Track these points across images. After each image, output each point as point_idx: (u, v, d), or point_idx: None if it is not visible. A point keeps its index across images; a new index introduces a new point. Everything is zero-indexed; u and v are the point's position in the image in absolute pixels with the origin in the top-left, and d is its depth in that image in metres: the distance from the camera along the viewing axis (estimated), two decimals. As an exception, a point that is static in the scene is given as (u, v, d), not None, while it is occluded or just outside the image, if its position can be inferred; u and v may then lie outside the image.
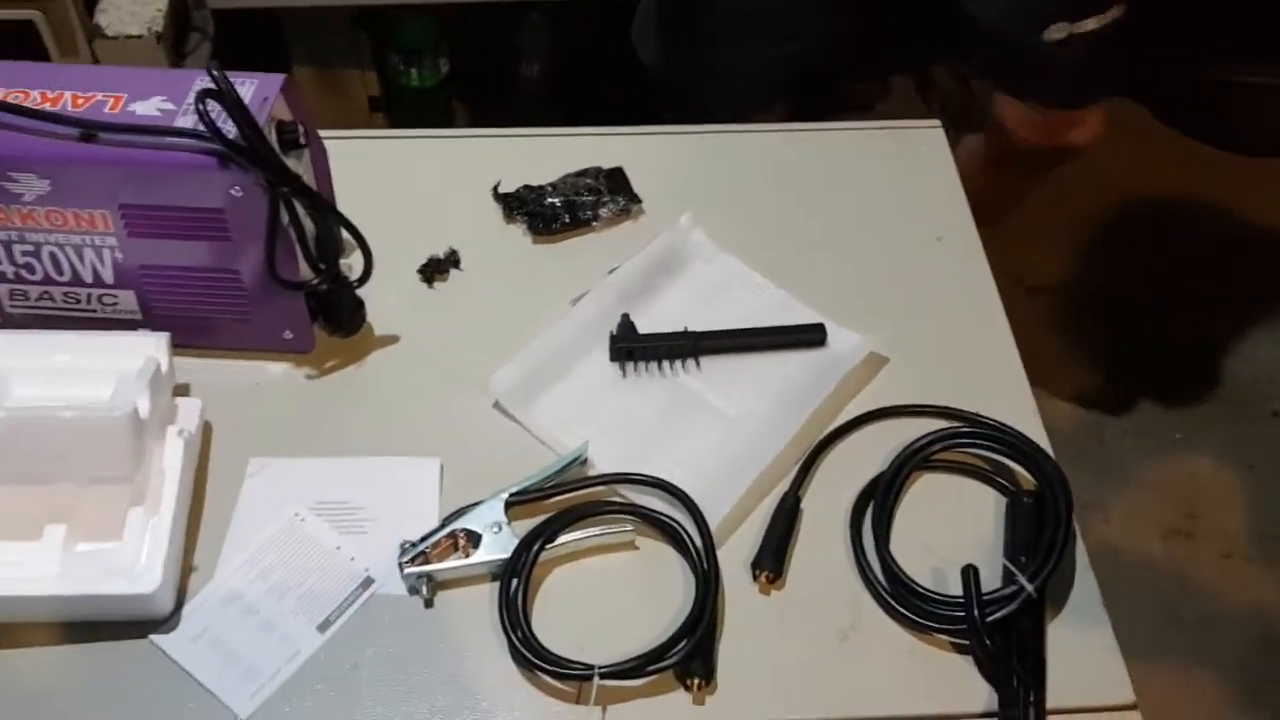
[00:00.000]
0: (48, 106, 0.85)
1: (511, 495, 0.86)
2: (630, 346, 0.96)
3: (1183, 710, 1.45)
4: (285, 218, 0.86)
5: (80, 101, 0.85)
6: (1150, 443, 1.79)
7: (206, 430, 0.90)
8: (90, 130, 0.83)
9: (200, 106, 0.80)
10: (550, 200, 1.05)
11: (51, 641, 0.80)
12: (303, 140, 0.89)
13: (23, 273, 0.91)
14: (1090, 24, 1.12)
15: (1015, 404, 0.96)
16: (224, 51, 1.55)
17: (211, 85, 0.81)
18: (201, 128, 0.82)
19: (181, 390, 0.91)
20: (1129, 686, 0.81)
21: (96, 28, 1.31)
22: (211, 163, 0.83)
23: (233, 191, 0.84)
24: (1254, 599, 1.64)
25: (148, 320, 0.93)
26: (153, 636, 0.80)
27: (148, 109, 0.85)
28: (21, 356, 0.88)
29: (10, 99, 0.85)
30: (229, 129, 0.82)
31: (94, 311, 0.93)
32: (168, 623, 0.81)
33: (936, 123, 1.18)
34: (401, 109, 1.88)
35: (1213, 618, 1.57)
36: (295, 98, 0.90)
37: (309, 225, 0.89)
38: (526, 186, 1.07)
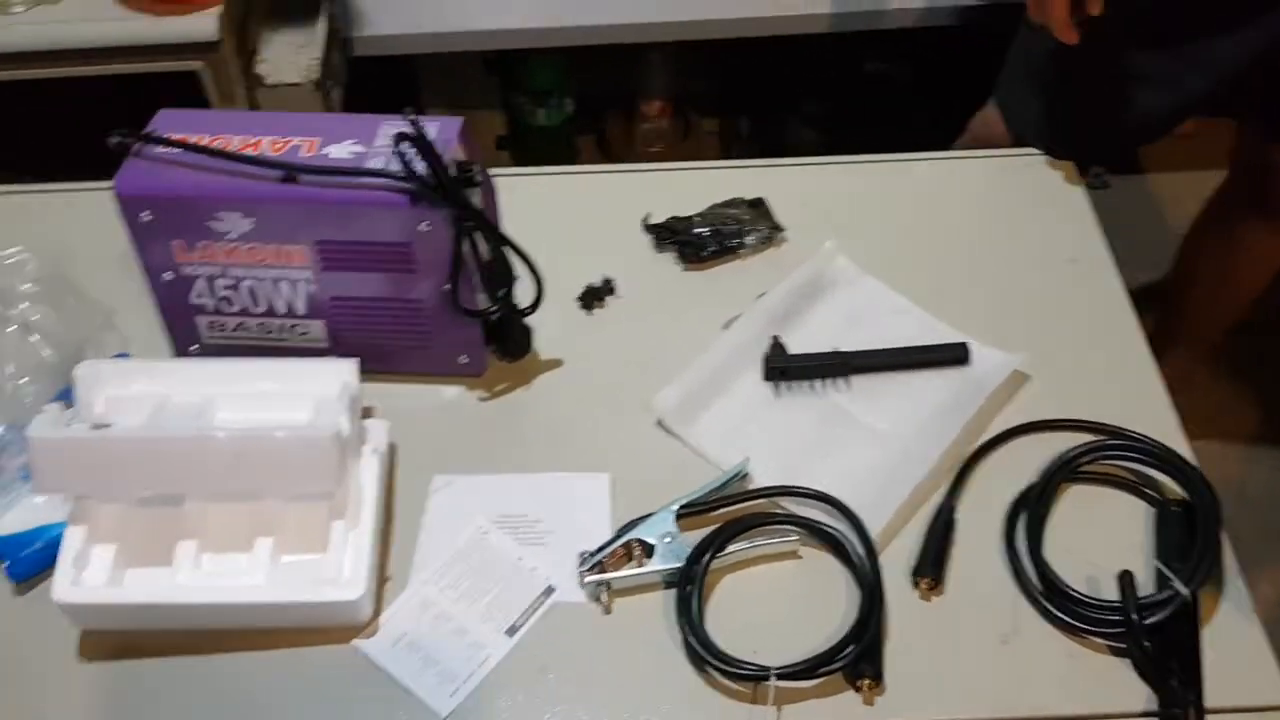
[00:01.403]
0: (249, 151, 0.92)
1: (681, 507, 0.91)
2: (784, 366, 1.01)
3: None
4: (466, 250, 0.92)
5: (278, 146, 0.93)
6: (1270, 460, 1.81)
7: (391, 450, 0.97)
8: (292, 172, 0.90)
9: (399, 149, 0.86)
10: (699, 230, 1.10)
11: (261, 647, 0.86)
12: (479, 179, 0.95)
13: (222, 305, 0.98)
14: None
15: (1156, 417, 0.99)
16: (360, 93, 1.63)
17: (407, 130, 0.88)
18: (393, 168, 0.89)
19: (366, 413, 0.98)
20: (1282, 688, 0.84)
21: (256, 77, 1.40)
22: (403, 200, 0.89)
23: (421, 227, 0.90)
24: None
25: (335, 348, 1.00)
26: (356, 642, 0.86)
27: (341, 151, 0.92)
28: (225, 383, 0.95)
29: (214, 145, 0.92)
30: (418, 168, 0.88)
31: (285, 340, 1.00)
32: (367, 628, 0.87)
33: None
34: (527, 147, 1.95)
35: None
36: (470, 139, 0.97)
37: (484, 257, 0.95)
38: (675, 217, 1.12)
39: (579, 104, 1.94)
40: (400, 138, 0.87)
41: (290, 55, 1.44)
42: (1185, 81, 1.18)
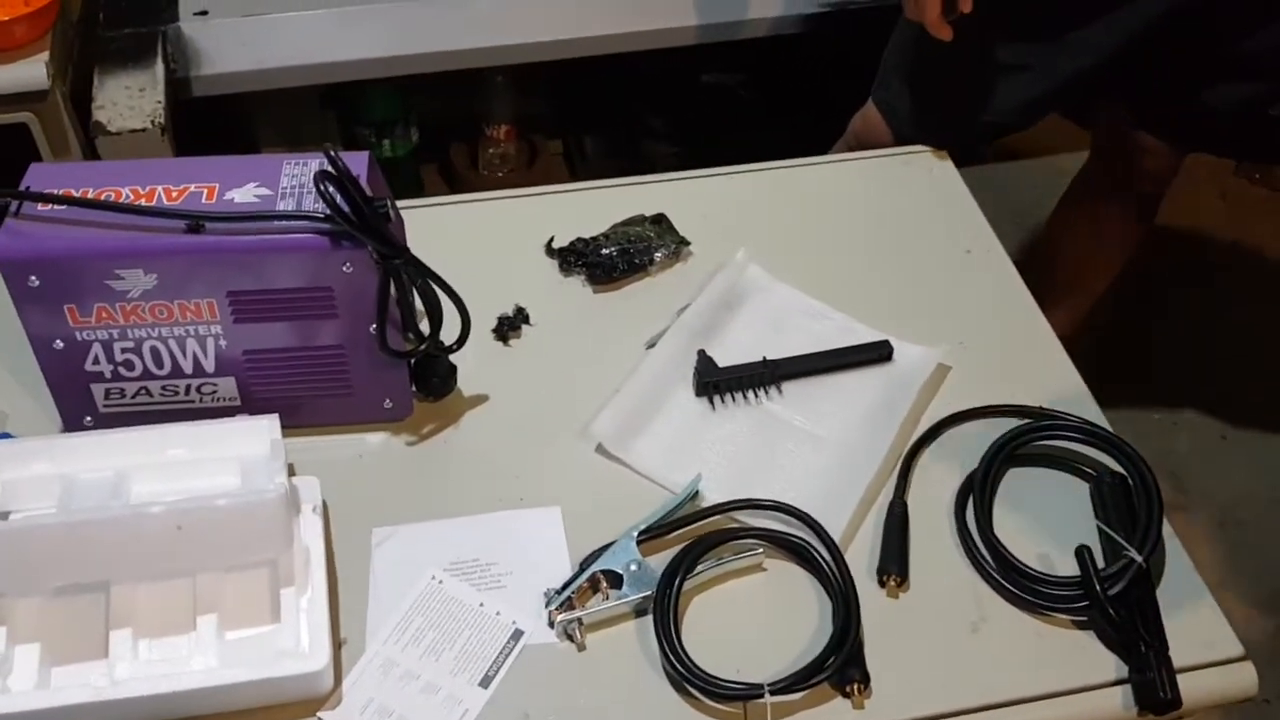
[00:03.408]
0: (143, 203, 0.86)
1: (640, 533, 0.89)
2: (715, 380, 1.00)
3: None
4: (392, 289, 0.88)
5: (174, 195, 0.86)
6: (1135, 424, 1.91)
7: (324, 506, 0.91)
8: (198, 220, 0.84)
9: (322, 188, 0.81)
10: (606, 250, 1.08)
11: (218, 733, 0.80)
12: (391, 214, 0.91)
13: (121, 370, 0.90)
14: None
15: (1073, 396, 1.02)
16: (190, 136, 1.54)
17: (318, 168, 0.83)
18: (308, 209, 0.84)
19: (289, 471, 0.91)
20: (1236, 640, 0.88)
21: (99, 125, 1.30)
22: (324, 242, 0.84)
23: (344, 268, 0.86)
24: (1257, 559, 1.76)
25: (246, 405, 0.94)
26: (321, 714, 0.80)
27: (245, 196, 0.86)
28: (134, 454, 0.87)
29: (104, 199, 0.85)
30: (343, 206, 0.83)
31: (191, 402, 0.93)
32: (329, 699, 0.81)
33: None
34: (372, 180, 1.89)
35: (1224, 585, 1.68)
36: (375, 174, 0.92)
37: (407, 295, 0.91)
38: (580, 239, 1.10)
39: (422, 132, 1.89)
40: (322, 176, 0.82)
41: (130, 100, 1.35)
42: (1059, 68, 1.23)
